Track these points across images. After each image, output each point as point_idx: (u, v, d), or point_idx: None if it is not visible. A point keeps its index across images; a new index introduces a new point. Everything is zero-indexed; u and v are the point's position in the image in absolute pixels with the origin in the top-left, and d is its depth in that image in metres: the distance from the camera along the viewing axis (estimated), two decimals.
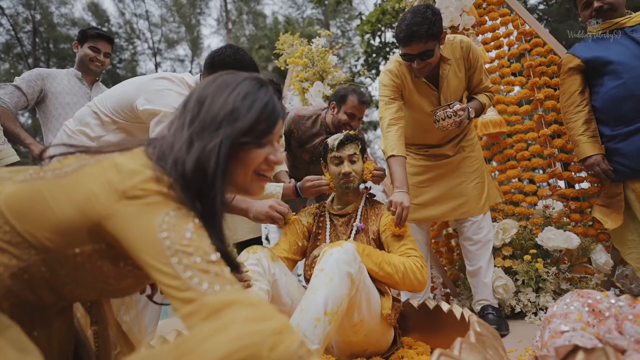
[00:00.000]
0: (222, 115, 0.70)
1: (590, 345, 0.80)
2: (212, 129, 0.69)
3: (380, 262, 1.32)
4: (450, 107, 1.65)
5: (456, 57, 1.75)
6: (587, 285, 1.88)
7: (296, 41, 2.78)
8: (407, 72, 1.79)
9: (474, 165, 1.92)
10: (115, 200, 0.60)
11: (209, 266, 0.59)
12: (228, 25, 17.56)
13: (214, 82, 0.76)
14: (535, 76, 2.33)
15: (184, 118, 0.71)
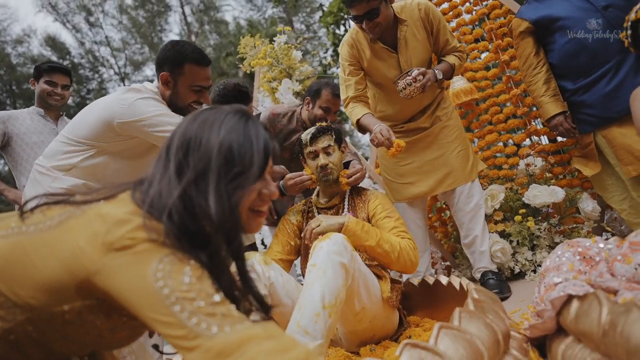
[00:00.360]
0: (215, 159, 0.65)
1: (582, 292, 0.81)
2: (206, 176, 0.64)
3: (379, 239, 1.33)
4: (408, 74, 1.65)
5: (414, 20, 1.75)
6: (579, 234, 1.91)
7: (257, 42, 2.75)
8: (364, 40, 1.79)
9: (453, 134, 1.91)
10: (103, 253, 0.56)
11: (214, 308, 0.55)
12: (191, 37, 17.33)
13: (195, 120, 0.70)
14: (498, 39, 2.35)
15: (169, 163, 0.67)
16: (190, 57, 1.41)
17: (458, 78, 2.34)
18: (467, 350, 0.80)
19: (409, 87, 1.65)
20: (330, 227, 1.32)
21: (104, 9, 17.22)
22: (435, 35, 1.81)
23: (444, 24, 1.81)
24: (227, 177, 0.65)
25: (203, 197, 0.63)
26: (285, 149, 2.16)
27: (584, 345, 0.78)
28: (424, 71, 1.66)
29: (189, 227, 0.61)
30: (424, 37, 1.78)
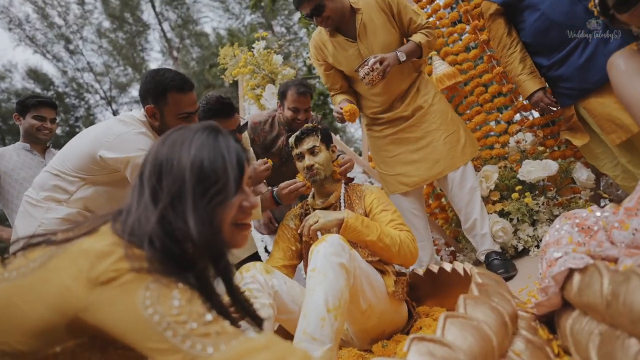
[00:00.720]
0: (188, 179, 0.64)
1: (583, 264, 0.81)
2: (182, 198, 0.63)
3: (380, 234, 1.32)
4: (365, 63, 1.67)
5: (370, 6, 1.78)
6: (577, 204, 1.91)
7: (236, 52, 2.74)
8: (326, 36, 1.85)
9: (438, 120, 1.90)
10: (89, 289, 0.56)
11: (207, 328, 0.56)
12: (173, 53, 17.29)
13: (164, 143, 0.70)
14: (474, 19, 2.35)
15: (143, 189, 0.66)
16: (171, 85, 1.38)
17: (440, 63, 2.34)
18: (475, 337, 0.80)
19: (368, 75, 1.66)
20: (329, 224, 1.30)
21: (82, 35, 17.17)
22: (397, 17, 1.81)
23: (404, 4, 1.81)
24: (204, 196, 0.64)
25: (182, 219, 0.62)
26: (273, 155, 2.15)
27: (591, 318, 0.78)
28: (381, 58, 1.66)
29: (171, 251, 0.61)
30: (384, 21, 1.79)
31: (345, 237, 1.28)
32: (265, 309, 1.15)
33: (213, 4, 18.77)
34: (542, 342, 0.90)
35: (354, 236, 1.30)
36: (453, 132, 1.89)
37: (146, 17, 18.45)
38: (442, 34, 2.48)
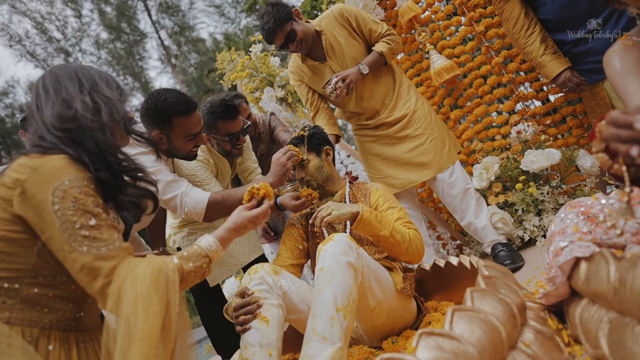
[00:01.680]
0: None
1: (589, 252, 0.81)
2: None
3: (392, 229, 1.31)
4: (329, 82, 1.79)
5: (331, 25, 1.86)
6: (583, 192, 1.90)
7: (233, 55, 2.74)
8: (300, 63, 1.95)
9: (422, 124, 1.92)
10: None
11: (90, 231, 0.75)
12: (171, 60, 17.36)
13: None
14: (470, 11, 2.34)
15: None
16: (176, 110, 1.37)
17: (437, 57, 2.33)
18: (483, 329, 0.80)
19: (333, 93, 1.79)
20: (342, 217, 1.28)
21: (81, 47, 17.29)
22: (358, 29, 1.87)
23: (362, 17, 1.88)
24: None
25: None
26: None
27: (599, 306, 0.78)
28: (343, 76, 1.77)
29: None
30: (346, 37, 1.86)
31: (358, 230, 1.29)
32: (274, 310, 1.16)
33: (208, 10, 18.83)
34: (551, 332, 0.90)
35: (367, 230, 1.29)
36: (438, 135, 1.93)
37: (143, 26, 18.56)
38: (438, 28, 2.47)
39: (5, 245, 0.75)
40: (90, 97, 0.85)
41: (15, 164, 0.78)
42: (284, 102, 2.60)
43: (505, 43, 2.28)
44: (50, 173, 0.74)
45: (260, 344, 1.08)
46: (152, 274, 0.74)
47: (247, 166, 2.06)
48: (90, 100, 0.85)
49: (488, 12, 2.31)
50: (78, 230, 0.73)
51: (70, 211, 0.73)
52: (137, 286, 0.72)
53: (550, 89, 2.22)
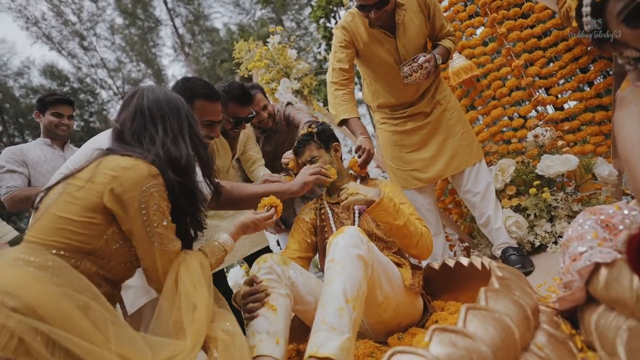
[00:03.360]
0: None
1: (610, 259, 0.79)
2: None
3: (407, 220, 1.32)
4: (414, 61, 1.67)
5: (412, 4, 1.76)
6: (598, 201, 1.87)
7: (251, 45, 2.74)
8: (361, 24, 1.77)
9: (454, 117, 1.91)
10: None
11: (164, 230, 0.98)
12: (185, 49, 17.42)
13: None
14: (492, 12, 2.31)
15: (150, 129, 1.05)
16: (200, 92, 1.41)
17: (457, 56, 2.31)
18: (497, 329, 0.79)
19: (415, 73, 1.67)
20: (358, 202, 1.28)
21: (95, 32, 17.41)
22: (432, 20, 1.81)
23: (439, 9, 1.83)
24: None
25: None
26: (265, 156, 2.21)
27: (618, 313, 0.76)
28: (430, 57, 1.67)
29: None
30: (421, 22, 1.78)
31: (374, 215, 1.29)
32: (282, 299, 1.16)
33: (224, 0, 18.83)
34: (564, 337, 0.89)
35: (383, 216, 1.29)
36: (468, 130, 1.91)
37: (158, 13, 18.63)
38: (459, 27, 2.44)
39: (82, 227, 0.88)
40: (192, 142, 1.07)
41: (110, 161, 0.92)
42: (300, 94, 2.59)
43: (526, 46, 2.25)
44: (141, 174, 0.91)
45: (267, 331, 1.08)
46: (201, 265, 1.01)
47: (250, 155, 2.06)
48: (193, 145, 1.07)
49: (511, 14, 2.28)
50: (155, 228, 0.92)
51: (152, 211, 0.91)
52: (190, 271, 0.97)
53: (570, 95, 2.19)
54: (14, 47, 20.76)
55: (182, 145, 1.02)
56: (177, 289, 0.93)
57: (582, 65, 2.15)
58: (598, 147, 2.09)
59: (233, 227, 1.24)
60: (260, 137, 2.21)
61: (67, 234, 0.87)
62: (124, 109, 1.04)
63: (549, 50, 2.22)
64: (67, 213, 0.88)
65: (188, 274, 0.95)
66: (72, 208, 0.88)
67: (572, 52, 2.13)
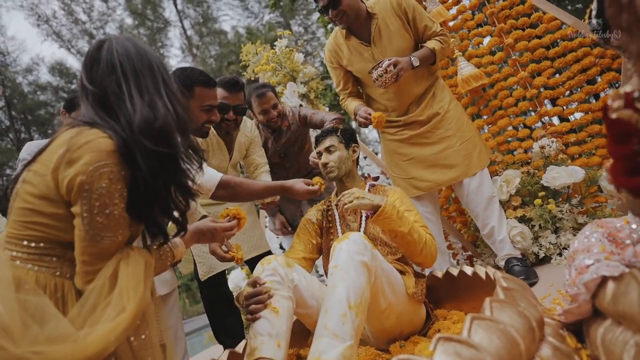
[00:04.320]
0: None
1: (618, 272, 0.78)
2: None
3: (411, 227, 1.31)
4: (380, 65, 1.69)
5: (386, 11, 1.81)
6: (603, 213, 1.86)
7: (259, 49, 2.76)
8: (342, 39, 1.89)
9: (454, 126, 1.88)
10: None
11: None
12: (192, 50, 17.54)
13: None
14: (500, 22, 2.31)
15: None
16: (198, 80, 1.48)
17: (465, 64, 2.31)
18: (502, 340, 0.78)
19: (381, 77, 1.69)
20: (363, 207, 1.27)
21: (105, 31, 17.58)
22: (413, 23, 1.83)
23: (419, 11, 1.83)
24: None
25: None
26: (272, 157, 2.24)
27: (625, 328, 0.75)
28: (395, 61, 1.68)
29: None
30: (398, 27, 1.81)
31: (378, 223, 1.28)
32: (285, 302, 1.16)
33: (233, 3, 19.00)
34: (569, 350, 0.88)
35: (387, 224, 1.28)
36: (469, 139, 1.88)
37: (167, 14, 18.80)
38: (467, 36, 2.45)
39: (49, 218, 0.79)
40: (170, 102, 0.89)
41: (62, 138, 0.79)
42: (306, 98, 2.60)
43: (534, 56, 2.25)
44: (92, 150, 0.76)
45: (269, 333, 1.07)
46: (144, 264, 0.85)
47: (253, 160, 2.06)
48: (171, 105, 0.88)
49: (520, 24, 2.28)
50: (95, 215, 0.76)
51: (95, 195, 0.76)
52: (129, 268, 0.81)
53: (577, 107, 2.19)
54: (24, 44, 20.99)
55: (159, 105, 0.86)
56: (112, 288, 0.78)
57: (590, 77, 2.14)
58: (605, 159, 2.07)
59: (187, 232, 1.09)
60: (270, 136, 2.21)
61: (38, 227, 0.79)
62: (93, 64, 0.87)
63: (557, 60, 2.21)
64: (28, 204, 0.78)
65: (127, 270, 0.80)
66: (32, 199, 0.78)
67: (581, 63, 2.13)
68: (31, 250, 0.79)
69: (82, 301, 0.76)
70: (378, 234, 1.47)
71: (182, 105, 0.92)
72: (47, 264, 0.80)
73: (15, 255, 0.78)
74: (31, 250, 0.79)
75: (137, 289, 0.79)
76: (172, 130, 0.86)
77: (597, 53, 2.09)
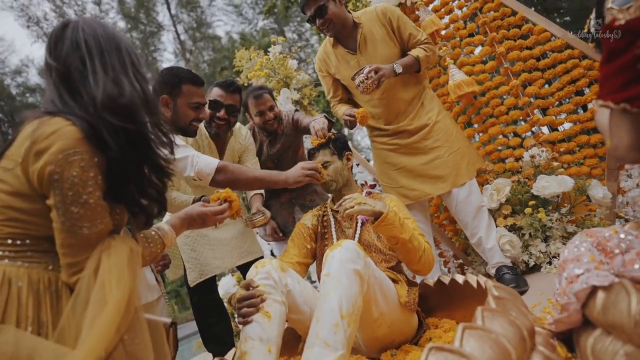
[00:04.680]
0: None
1: (607, 282, 0.79)
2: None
3: (411, 235, 1.31)
4: (361, 71, 1.72)
5: (372, 21, 1.86)
6: (592, 222, 1.88)
7: (252, 54, 2.76)
8: (330, 48, 1.95)
9: (442, 137, 1.90)
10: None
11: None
12: (185, 55, 17.50)
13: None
14: (492, 31, 2.35)
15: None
16: (186, 77, 1.51)
17: (457, 71, 2.34)
18: (493, 349, 0.78)
19: (362, 83, 1.71)
20: (365, 212, 1.26)
21: None
22: (397, 32, 1.87)
23: (404, 20, 1.87)
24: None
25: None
26: (266, 161, 2.22)
27: (615, 338, 0.76)
28: (376, 67, 1.70)
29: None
30: (383, 35, 1.85)
31: (380, 229, 1.28)
32: (277, 306, 1.14)
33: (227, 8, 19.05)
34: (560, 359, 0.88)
35: (389, 230, 1.27)
36: (457, 149, 1.90)
37: (161, 18, 18.75)
38: (459, 44, 2.48)
39: (28, 214, 0.77)
40: (137, 81, 0.86)
41: (29, 129, 0.76)
42: (299, 104, 2.60)
43: (525, 66, 2.28)
44: (60, 138, 0.74)
45: (260, 338, 1.06)
46: (128, 252, 0.80)
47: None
48: (137, 84, 0.86)
49: (511, 34, 2.32)
50: (69, 206, 0.74)
51: (67, 184, 0.73)
52: (111, 259, 0.77)
53: (566, 117, 2.22)
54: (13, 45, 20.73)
55: (124, 83, 0.83)
56: (95, 282, 0.75)
57: (579, 88, 2.18)
58: (593, 169, 2.11)
59: (176, 217, 1.06)
60: (265, 140, 2.20)
61: (19, 224, 0.77)
62: (57, 43, 0.84)
63: (547, 71, 2.25)
64: (3, 202, 0.76)
65: (109, 262, 0.76)
66: (6, 197, 0.76)
67: (570, 74, 2.17)
68: (17, 247, 0.77)
69: (73, 298, 0.74)
70: (373, 241, 1.47)
71: (149, 86, 0.90)
72: (37, 259, 0.78)
73: (2, 254, 0.77)
74: (17, 247, 0.77)
75: (120, 279, 0.75)
76: (138, 108, 0.84)
77: (585, 65, 2.13)
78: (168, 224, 1.01)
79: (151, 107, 0.88)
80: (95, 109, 0.79)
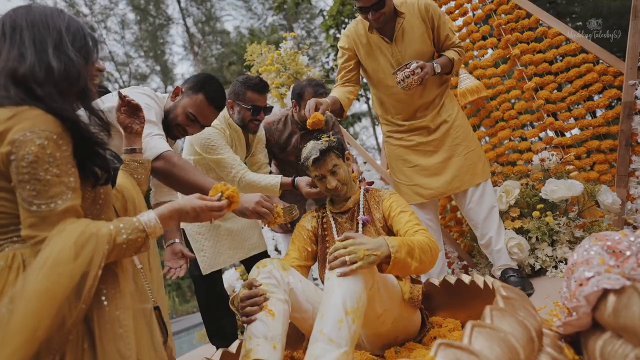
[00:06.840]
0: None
1: (619, 285, 0.79)
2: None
3: (420, 259, 1.19)
4: (407, 66, 1.69)
5: (413, 13, 1.82)
6: (600, 228, 1.88)
7: (264, 49, 2.76)
8: (363, 30, 1.88)
9: (460, 135, 1.90)
10: None
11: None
12: (194, 48, 17.53)
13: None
14: (507, 34, 2.33)
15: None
16: (207, 90, 1.49)
17: (466, 76, 2.33)
18: (502, 348, 0.78)
19: (407, 79, 1.68)
20: (374, 260, 1.09)
21: (106, 25, 17.52)
22: (436, 31, 1.85)
23: (443, 20, 1.85)
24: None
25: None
26: (289, 154, 2.17)
27: (625, 341, 0.76)
28: (422, 64, 1.69)
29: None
30: (422, 31, 1.82)
31: (394, 273, 1.18)
32: (280, 304, 1.15)
33: (236, 3, 19.04)
34: None
35: (401, 269, 1.16)
36: (474, 149, 1.90)
37: (170, 11, 18.78)
38: (471, 47, 2.47)
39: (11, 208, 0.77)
40: (48, 55, 0.83)
41: None
42: None
43: (538, 70, 2.27)
44: (15, 120, 0.75)
45: (265, 336, 1.06)
46: (79, 238, 0.74)
47: (258, 159, 2.06)
48: (48, 58, 0.83)
49: (525, 37, 2.31)
50: (24, 184, 0.73)
51: (23, 163, 0.73)
52: (54, 245, 0.72)
53: (578, 122, 2.21)
54: None
55: (27, 56, 0.82)
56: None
57: (593, 93, 2.17)
58: (603, 175, 2.10)
59: (166, 207, 0.94)
60: (297, 132, 2.09)
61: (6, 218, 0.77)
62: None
63: (560, 75, 2.24)
64: None
65: (50, 247, 0.71)
66: None
67: (583, 78, 2.15)
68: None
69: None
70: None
71: (74, 64, 0.85)
72: (18, 236, 0.78)
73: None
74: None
75: (54, 268, 0.69)
76: (40, 80, 0.81)
77: (599, 70, 2.11)
78: (155, 212, 0.92)
79: (68, 81, 0.84)
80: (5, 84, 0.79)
